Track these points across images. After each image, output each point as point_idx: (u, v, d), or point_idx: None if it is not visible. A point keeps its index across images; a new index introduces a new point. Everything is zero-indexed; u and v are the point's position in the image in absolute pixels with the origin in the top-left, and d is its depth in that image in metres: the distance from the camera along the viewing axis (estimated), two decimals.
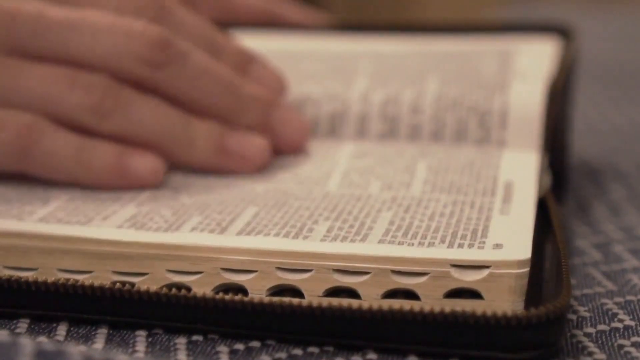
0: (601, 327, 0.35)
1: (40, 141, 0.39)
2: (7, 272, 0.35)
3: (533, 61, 0.48)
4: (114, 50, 0.39)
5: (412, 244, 0.34)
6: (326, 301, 0.32)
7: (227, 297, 0.33)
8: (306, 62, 0.50)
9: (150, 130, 0.40)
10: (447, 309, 0.31)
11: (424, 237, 0.35)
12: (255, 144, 0.41)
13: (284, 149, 0.43)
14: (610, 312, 0.35)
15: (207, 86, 0.41)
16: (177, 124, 0.40)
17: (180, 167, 0.41)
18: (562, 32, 0.50)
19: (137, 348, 0.33)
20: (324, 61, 0.50)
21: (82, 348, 0.30)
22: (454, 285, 0.33)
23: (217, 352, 0.33)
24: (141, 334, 0.34)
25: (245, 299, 0.33)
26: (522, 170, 0.40)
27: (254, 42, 0.52)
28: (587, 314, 0.35)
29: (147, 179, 0.40)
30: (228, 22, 0.55)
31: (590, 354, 0.33)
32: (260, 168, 0.41)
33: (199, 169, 0.41)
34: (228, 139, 0.41)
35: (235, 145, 0.41)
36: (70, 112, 0.40)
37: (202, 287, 0.34)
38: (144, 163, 0.40)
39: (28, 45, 0.40)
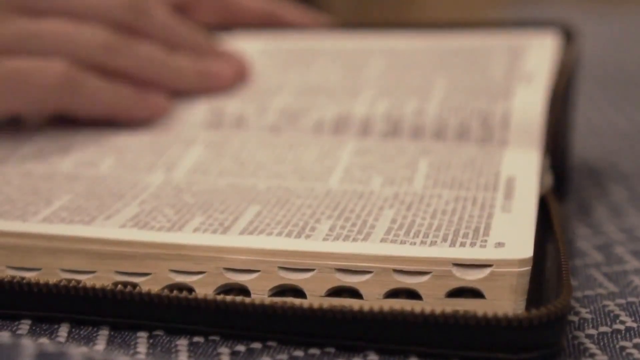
0: (603, 328, 0.34)
1: (84, 81, 0.46)
2: (11, 272, 0.35)
3: (539, 59, 0.48)
4: (104, 5, 0.48)
5: (415, 243, 0.34)
6: (327, 302, 0.32)
7: (228, 298, 0.33)
8: (316, 63, 0.50)
9: (151, 65, 0.48)
10: (448, 310, 0.31)
11: (426, 235, 0.35)
12: (228, 62, 0.50)
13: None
14: (612, 314, 0.35)
15: (178, 29, 0.50)
16: (166, 58, 0.48)
17: (176, 94, 0.48)
18: (563, 30, 0.50)
19: (138, 349, 0.33)
20: (334, 60, 0.50)
21: (83, 349, 0.31)
22: (455, 285, 0.33)
23: (219, 354, 0.33)
24: (142, 336, 0.34)
25: (246, 300, 0.33)
26: (523, 166, 0.40)
27: (258, 43, 0.52)
28: (588, 316, 0.35)
29: (162, 106, 0.48)
30: (228, 24, 0.55)
31: (592, 355, 0.33)
32: (237, 79, 0.49)
33: (188, 91, 0.48)
34: (205, 62, 0.49)
35: (212, 66, 0.49)
36: (87, 51, 0.46)
37: (204, 287, 0.34)
38: (157, 96, 0.48)
39: (33, 6, 0.47)
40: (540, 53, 0.49)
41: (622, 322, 0.35)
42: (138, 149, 0.44)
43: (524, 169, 0.40)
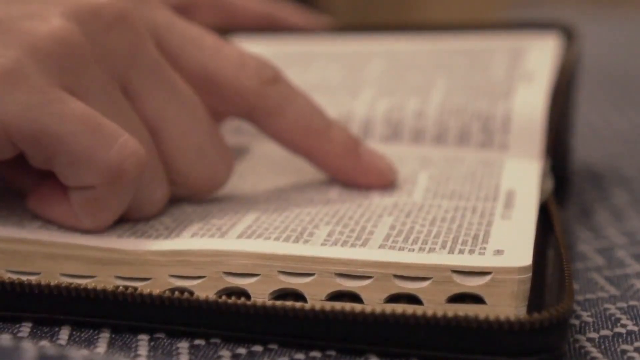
0: (604, 332, 0.34)
1: None
2: (10, 276, 0.35)
3: (540, 60, 0.48)
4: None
5: (413, 250, 0.34)
6: (329, 305, 0.32)
7: (230, 300, 0.33)
8: (316, 65, 0.50)
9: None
10: (450, 314, 0.31)
11: (425, 242, 0.34)
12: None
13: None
14: (613, 317, 0.35)
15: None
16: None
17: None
18: (565, 31, 0.50)
19: (139, 352, 0.33)
20: (334, 62, 0.50)
21: (84, 352, 0.30)
22: (456, 290, 0.33)
23: (220, 357, 0.33)
24: (143, 338, 0.34)
25: (248, 302, 0.33)
26: (523, 178, 0.40)
27: (259, 46, 0.52)
28: (590, 319, 0.35)
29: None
30: (229, 27, 0.55)
31: (593, 359, 0.33)
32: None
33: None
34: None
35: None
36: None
37: (205, 291, 0.34)
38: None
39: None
40: (541, 54, 0.49)
41: (624, 326, 0.35)
42: None
43: (524, 180, 0.40)
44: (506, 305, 0.32)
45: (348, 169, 0.40)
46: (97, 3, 0.37)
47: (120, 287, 0.33)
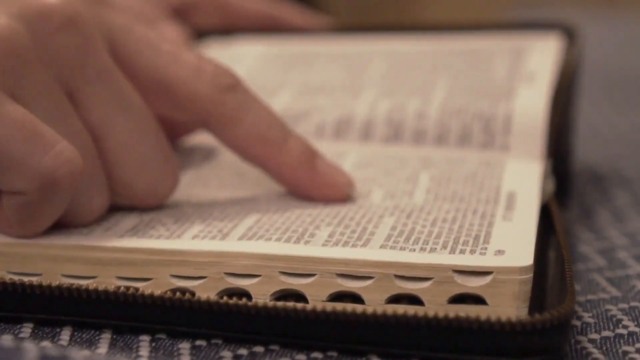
0: (605, 333, 0.34)
1: None
2: (12, 277, 0.35)
3: (541, 60, 0.48)
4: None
5: (414, 250, 0.34)
6: (330, 306, 0.32)
7: (231, 301, 0.33)
8: (317, 65, 0.50)
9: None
10: (451, 314, 0.31)
11: (426, 242, 0.34)
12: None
13: None
14: (614, 319, 0.35)
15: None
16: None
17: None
18: (566, 31, 0.50)
19: (140, 353, 0.33)
20: (335, 63, 0.50)
21: (85, 353, 0.30)
22: (457, 291, 0.33)
23: (221, 357, 0.33)
24: (145, 339, 0.34)
25: (249, 303, 0.33)
26: (525, 180, 0.40)
27: (259, 46, 0.52)
28: (591, 320, 0.35)
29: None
30: (230, 28, 0.55)
31: None
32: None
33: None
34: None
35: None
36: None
37: (206, 292, 0.34)
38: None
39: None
40: (542, 54, 0.49)
41: (625, 327, 0.35)
42: None
43: (525, 182, 0.40)
44: (507, 306, 0.32)
45: (302, 181, 0.39)
46: (47, 5, 0.36)
47: (122, 288, 0.34)
